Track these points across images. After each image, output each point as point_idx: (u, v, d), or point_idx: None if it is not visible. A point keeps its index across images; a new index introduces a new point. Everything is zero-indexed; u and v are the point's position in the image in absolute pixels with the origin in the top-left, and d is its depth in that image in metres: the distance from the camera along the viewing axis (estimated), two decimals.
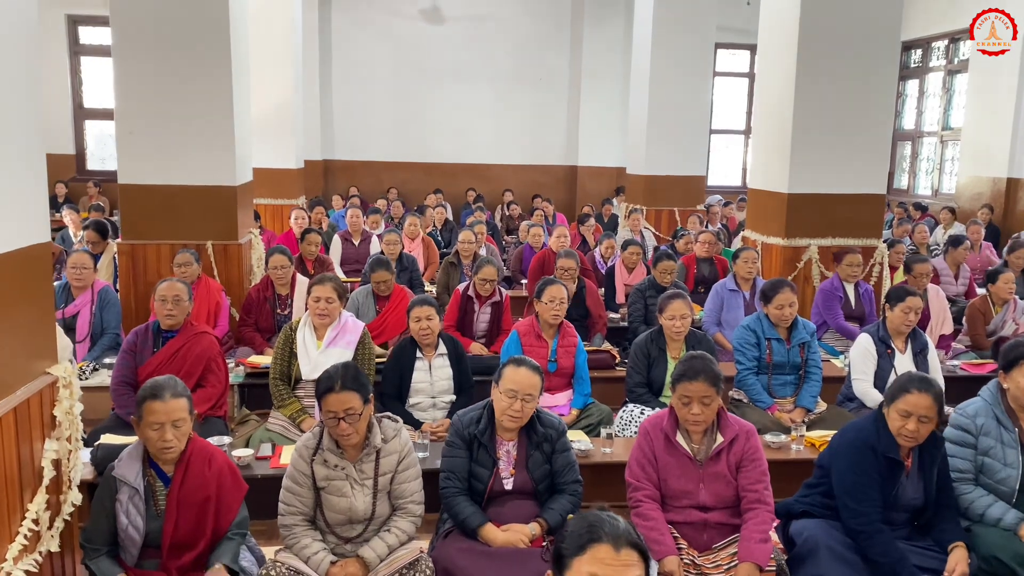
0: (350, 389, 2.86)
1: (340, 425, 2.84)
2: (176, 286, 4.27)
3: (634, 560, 1.55)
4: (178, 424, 2.71)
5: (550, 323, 4.49)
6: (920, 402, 2.95)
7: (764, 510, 2.98)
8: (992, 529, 3.11)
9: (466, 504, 3.04)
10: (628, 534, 1.58)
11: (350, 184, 13.36)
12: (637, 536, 1.59)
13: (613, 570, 1.53)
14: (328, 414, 2.86)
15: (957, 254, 7.38)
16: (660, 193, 10.40)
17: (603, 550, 1.55)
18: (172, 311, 4.20)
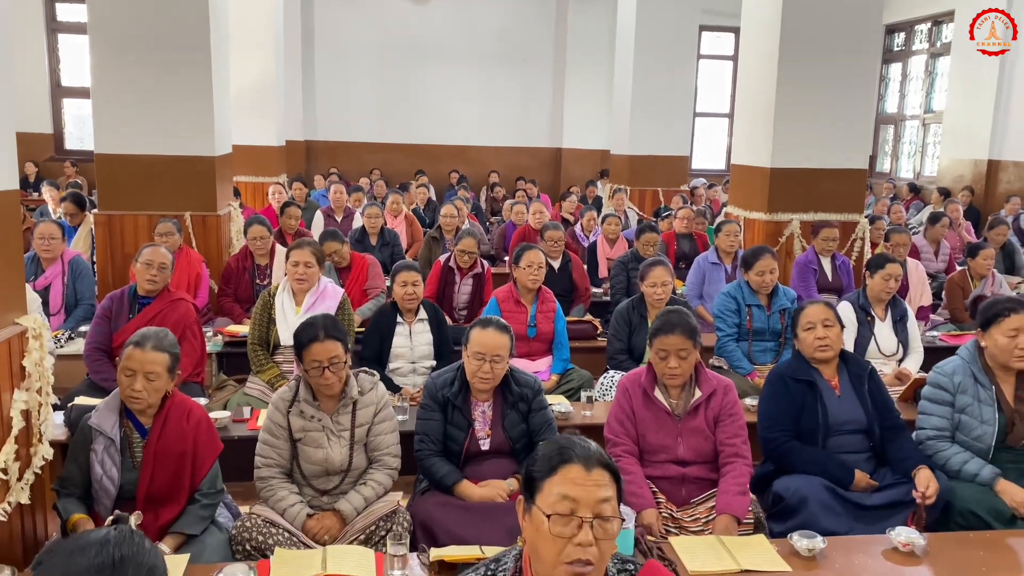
0: (334, 338, 2.87)
1: (325, 374, 2.83)
2: (162, 252, 4.22)
3: (605, 480, 1.54)
4: (151, 377, 2.67)
5: (528, 288, 4.47)
6: (817, 313, 3.28)
7: (742, 464, 2.98)
8: (968, 484, 3.12)
9: (441, 464, 3.02)
10: (599, 455, 1.57)
11: (332, 165, 13.27)
12: (608, 458, 1.58)
13: (584, 490, 1.52)
14: (312, 363, 2.84)
15: (936, 231, 7.44)
16: (644, 173, 10.39)
17: (574, 470, 1.53)
18: (155, 276, 4.15)
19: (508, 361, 3.09)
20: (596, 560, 1.49)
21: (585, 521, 1.50)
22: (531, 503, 1.57)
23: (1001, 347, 3.17)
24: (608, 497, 1.53)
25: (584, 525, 1.49)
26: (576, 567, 1.49)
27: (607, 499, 1.52)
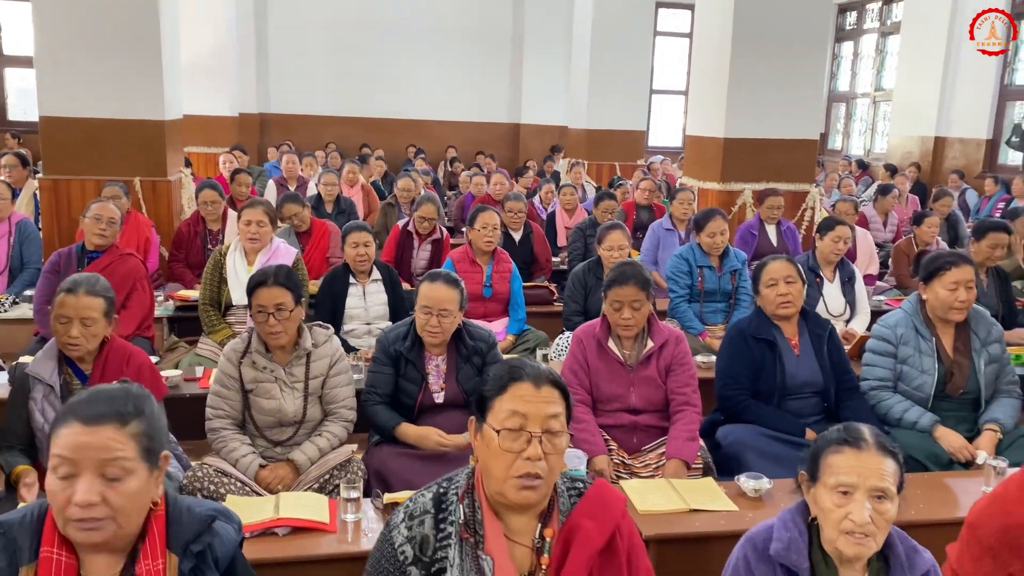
0: (282, 285, 2.85)
1: (269, 321, 2.80)
2: (110, 207, 4.17)
3: (554, 397, 1.56)
4: (87, 323, 2.62)
5: (484, 250, 4.48)
6: (780, 269, 3.29)
7: (692, 411, 3.04)
8: (908, 432, 3.23)
9: (384, 411, 3.03)
10: (549, 373, 1.59)
11: (287, 138, 13.06)
12: (557, 376, 1.60)
13: (533, 405, 1.54)
14: (258, 309, 2.82)
15: (886, 202, 7.63)
16: (601, 148, 10.46)
17: (523, 387, 1.56)
18: (104, 231, 4.09)
19: (458, 315, 3.08)
20: (545, 474, 1.52)
21: (534, 436, 1.52)
22: (482, 421, 1.59)
23: (941, 300, 3.26)
24: (557, 413, 1.55)
25: (533, 440, 1.52)
26: (525, 481, 1.51)
27: (556, 415, 1.54)
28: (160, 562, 1.48)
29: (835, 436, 1.73)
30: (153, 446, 1.48)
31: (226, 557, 1.55)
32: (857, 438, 1.70)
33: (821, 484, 1.70)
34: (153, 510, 1.51)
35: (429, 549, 1.55)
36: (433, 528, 1.56)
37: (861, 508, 1.64)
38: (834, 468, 1.68)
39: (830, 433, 1.75)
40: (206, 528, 1.54)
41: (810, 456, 1.75)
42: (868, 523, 1.63)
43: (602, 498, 1.60)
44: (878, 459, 1.67)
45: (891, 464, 1.69)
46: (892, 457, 1.69)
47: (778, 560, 1.69)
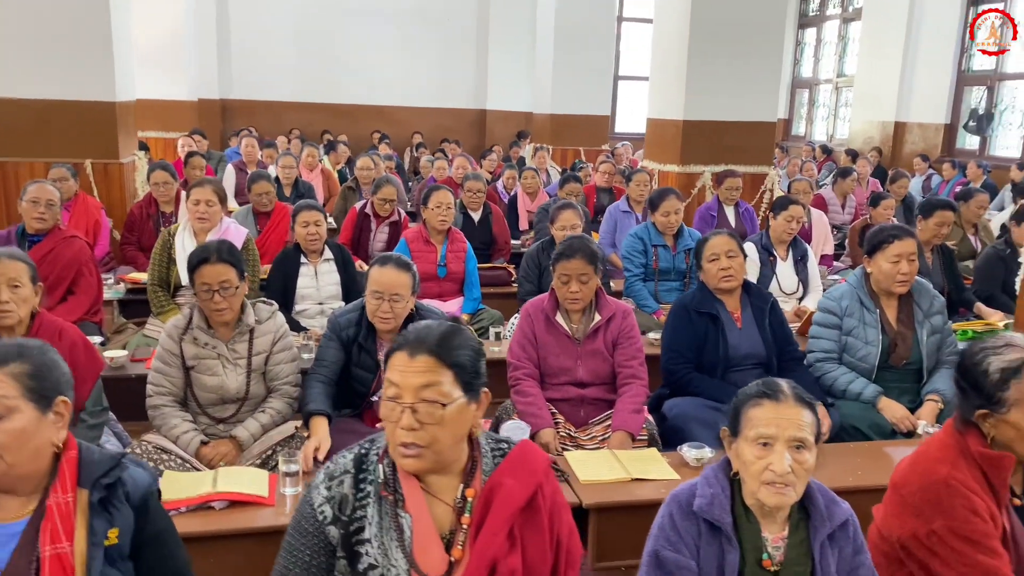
0: (226, 261, 2.81)
1: (214, 298, 2.77)
2: (48, 188, 4.06)
3: (430, 367, 1.51)
4: (15, 285, 2.58)
5: (438, 229, 4.46)
6: (721, 244, 3.34)
7: (638, 384, 3.06)
8: (852, 403, 3.28)
9: (318, 391, 2.87)
10: (431, 344, 1.53)
11: (250, 125, 12.89)
12: (445, 344, 1.54)
13: (404, 376, 1.52)
14: (202, 287, 2.78)
15: (845, 184, 7.71)
16: (566, 133, 10.46)
17: (399, 357, 1.54)
18: (44, 214, 4.00)
19: (411, 300, 3.03)
20: (426, 443, 1.49)
21: (404, 406, 1.50)
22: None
23: (885, 272, 3.31)
24: (431, 383, 1.51)
25: (405, 410, 1.50)
26: (403, 450, 1.51)
27: (430, 384, 1.50)
28: (70, 496, 1.55)
29: (754, 390, 1.75)
30: (41, 388, 1.56)
31: (138, 495, 1.61)
32: (776, 391, 1.72)
33: (742, 438, 1.72)
34: (63, 454, 1.59)
35: (348, 508, 1.54)
36: (352, 488, 1.55)
37: (781, 458, 1.65)
38: (754, 421, 1.70)
39: (750, 388, 1.77)
40: (116, 463, 1.60)
41: (731, 411, 1.77)
42: (788, 473, 1.65)
43: (525, 457, 1.60)
44: (796, 410, 1.70)
45: (808, 415, 1.71)
46: (809, 408, 1.72)
47: (701, 516, 1.71)
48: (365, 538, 1.52)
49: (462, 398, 1.54)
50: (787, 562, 1.71)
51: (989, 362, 1.84)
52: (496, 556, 1.49)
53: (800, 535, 1.73)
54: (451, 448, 1.54)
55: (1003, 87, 10.19)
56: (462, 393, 1.54)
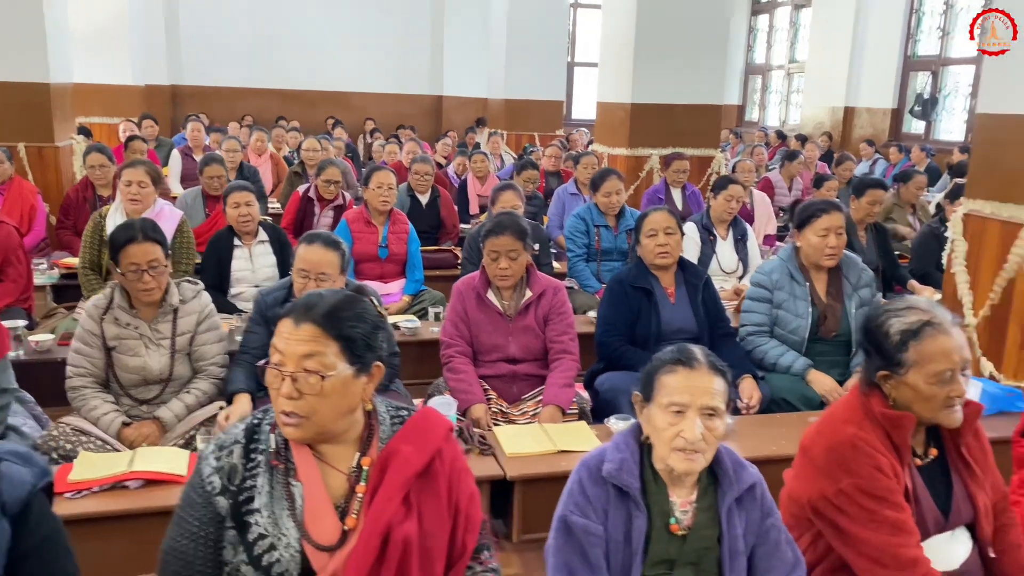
0: (152, 240, 2.76)
1: (144, 278, 2.72)
2: None
3: (313, 336, 1.48)
4: None
5: (379, 210, 4.42)
6: (660, 220, 3.34)
7: (569, 359, 3.07)
8: (783, 375, 3.32)
9: (241, 372, 2.90)
10: (316, 313, 1.50)
11: (201, 111, 12.65)
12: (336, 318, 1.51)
13: (287, 343, 1.49)
14: (130, 267, 2.72)
15: (792, 167, 7.81)
16: (520, 118, 10.45)
17: (284, 325, 1.51)
18: None
19: (339, 279, 3.00)
20: (306, 413, 1.47)
21: (286, 375, 1.47)
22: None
23: (813, 246, 3.36)
24: (314, 352, 1.47)
25: (286, 379, 1.47)
26: (283, 418, 1.49)
27: (312, 354, 1.47)
28: None
29: (669, 357, 1.75)
30: None
31: (16, 501, 1.35)
32: (690, 358, 1.73)
33: (655, 404, 1.73)
34: None
35: (237, 478, 1.51)
36: (242, 457, 1.53)
37: (693, 426, 1.66)
38: (668, 388, 1.71)
39: (664, 354, 1.77)
40: None
41: (644, 377, 1.78)
42: (699, 440, 1.66)
43: (424, 424, 1.59)
44: (709, 378, 1.71)
45: (720, 383, 1.72)
46: (721, 376, 1.73)
47: (610, 481, 1.71)
48: (255, 508, 1.49)
49: (348, 370, 1.50)
50: (695, 526, 1.72)
51: (890, 324, 1.87)
52: (390, 522, 1.47)
53: (708, 499, 1.75)
54: (335, 420, 1.51)
55: (947, 72, 10.38)
56: (348, 365, 1.50)
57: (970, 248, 3.70)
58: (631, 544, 1.68)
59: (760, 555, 1.74)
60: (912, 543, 1.76)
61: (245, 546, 1.48)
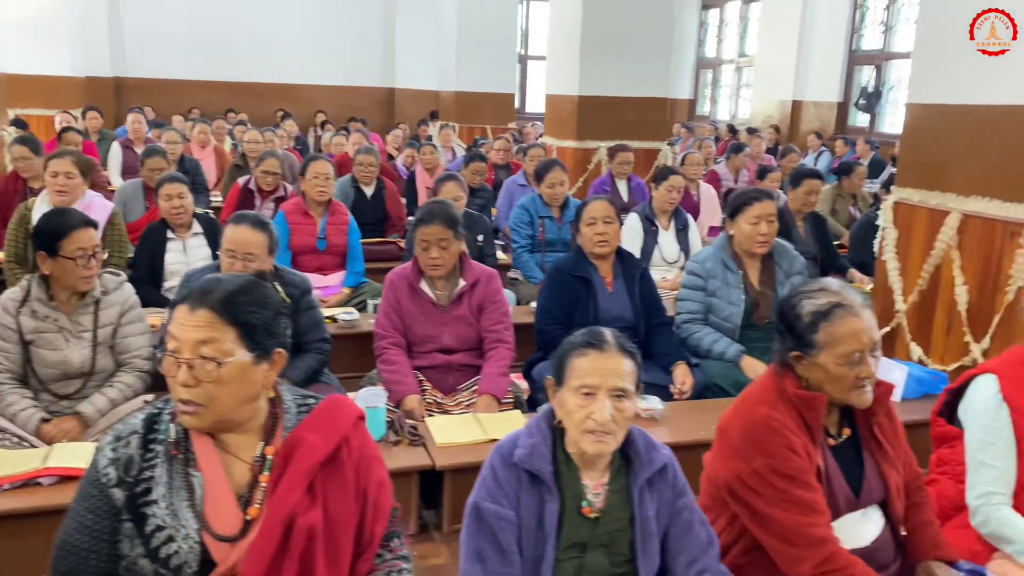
0: (90, 225, 2.75)
1: (91, 263, 2.68)
2: None
3: (209, 322, 1.45)
4: None
5: (316, 200, 4.36)
6: (599, 209, 3.36)
7: (504, 348, 3.06)
8: (717, 362, 3.36)
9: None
10: (212, 298, 1.46)
11: (147, 104, 12.37)
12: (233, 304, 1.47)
13: (180, 328, 1.46)
14: (77, 252, 2.66)
15: (738, 160, 7.90)
16: (471, 111, 10.41)
17: (180, 310, 1.48)
18: None
19: (267, 260, 2.96)
20: (203, 401, 1.44)
21: (182, 362, 1.44)
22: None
23: (745, 234, 3.39)
24: (209, 339, 1.44)
25: (182, 366, 1.44)
26: (180, 406, 1.46)
27: (207, 340, 1.44)
28: None
29: (579, 340, 1.75)
30: None
31: None
32: (600, 340, 1.73)
33: (566, 387, 1.72)
34: None
35: (134, 469, 1.47)
36: (140, 448, 1.49)
37: (602, 408, 1.66)
38: (578, 371, 1.71)
39: (574, 337, 1.77)
40: None
41: (556, 361, 1.77)
42: (609, 421, 1.66)
43: (331, 412, 1.57)
44: (618, 360, 1.71)
45: (630, 364, 1.72)
46: (631, 357, 1.73)
47: (521, 466, 1.71)
48: (152, 499, 1.46)
49: (246, 357, 1.47)
50: (607, 508, 1.73)
51: (802, 306, 1.89)
52: (293, 512, 1.45)
53: (621, 481, 1.75)
54: (234, 408, 1.48)
55: (890, 66, 10.60)
56: (247, 352, 1.47)
57: (900, 236, 3.77)
58: (544, 528, 1.68)
59: (673, 536, 1.75)
60: (822, 522, 1.79)
61: (142, 539, 1.45)
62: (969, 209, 3.44)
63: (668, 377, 3.24)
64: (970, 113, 3.41)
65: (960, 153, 3.49)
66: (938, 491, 2.27)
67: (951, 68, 3.52)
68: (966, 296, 3.44)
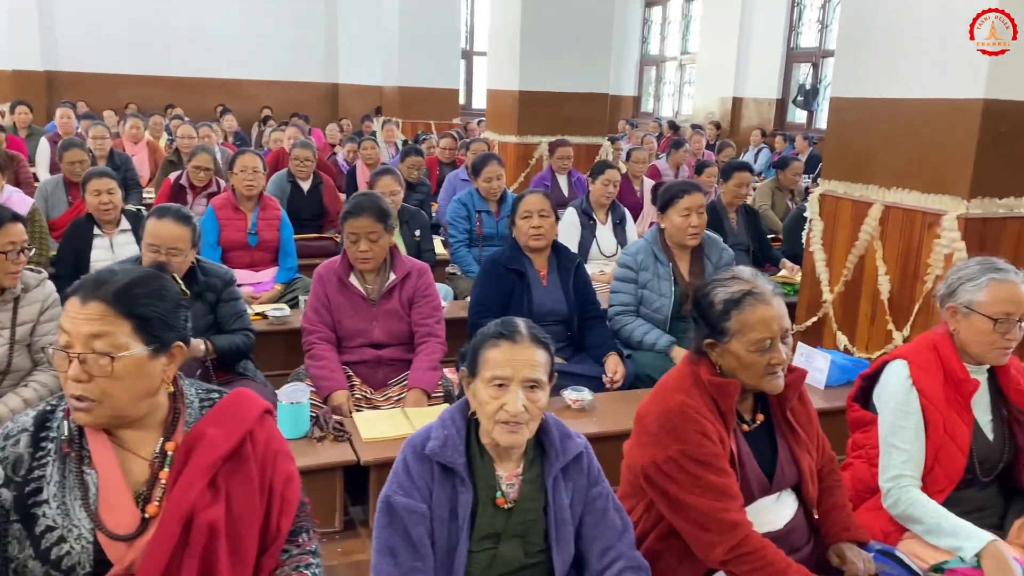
0: (20, 221, 2.65)
1: (20, 257, 2.61)
2: None
3: (101, 315, 1.40)
4: None
5: (246, 195, 4.27)
6: (535, 202, 3.36)
7: (435, 342, 3.04)
8: (648, 352, 3.39)
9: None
10: (105, 291, 1.42)
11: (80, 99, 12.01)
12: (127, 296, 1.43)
13: (71, 322, 1.41)
14: (9, 246, 2.58)
15: (678, 156, 8.00)
16: (415, 106, 10.35)
17: (72, 303, 1.43)
18: None
19: (191, 253, 2.91)
20: (97, 396, 1.40)
21: (72, 357, 1.40)
22: None
23: (677, 226, 3.43)
24: (102, 332, 1.40)
25: (74, 361, 1.39)
26: (73, 402, 1.41)
27: (100, 334, 1.40)
28: None
29: (492, 331, 1.74)
30: None
31: None
32: (512, 331, 1.72)
33: (479, 378, 1.71)
34: None
35: (23, 468, 1.42)
36: (30, 446, 1.44)
37: (515, 399, 1.66)
38: (491, 362, 1.70)
39: (487, 328, 1.77)
40: None
41: (470, 352, 1.76)
42: (522, 412, 1.66)
43: (235, 405, 1.53)
44: (531, 351, 1.70)
45: (543, 355, 1.72)
46: (544, 348, 1.73)
47: (434, 458, 1.69)
48: (43, 499, 1.41)
49: (142, 351, 1.43)
50: (521, 498, 1.72)
51: (715, 294, 1.91)
52: (193, 508, 1.41)
53: (535, 471, 1.75)
54: (131, 404, 1.44)
55: (827, 64, 10.82)
56: (143, 346, 1.43)
57: (826, 227, 3.85)
58: (457, 520, 1.67)
59: (587, 524, 1.75)
60: (735, 507, 1.81)
61: (32, 540, 1.40)
62: (890, 201, 3.53)
63: (600, 368, 3.26)
64: (889, 107, 3.50)
65: (881, 146, 3.58)
66: (853, 474, 2.33)
67: (872, 63, 3.61)
68: (888, 286, 3.53)
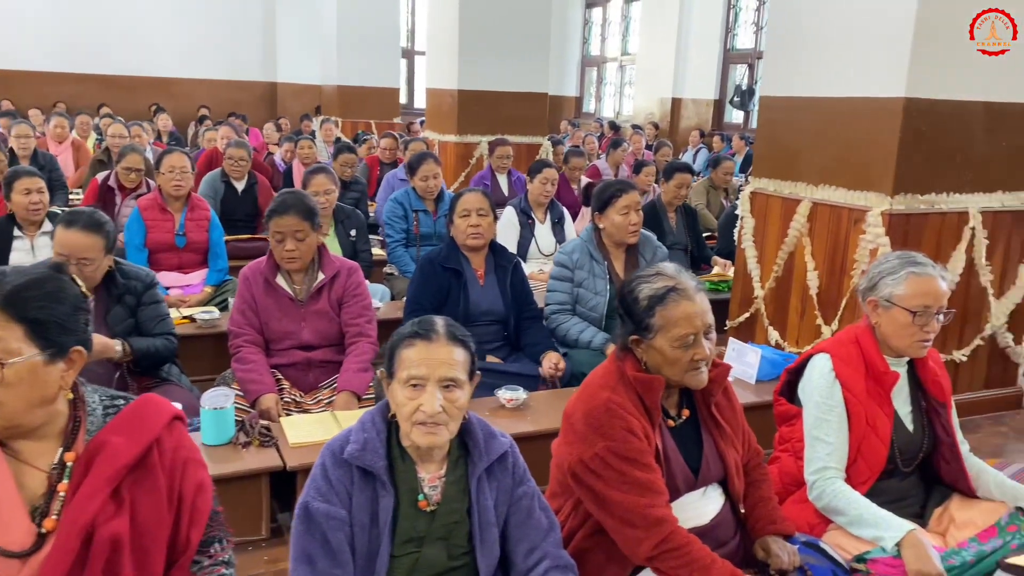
0: None
1: None
2: None
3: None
4: None
5: (173, 195, 4.15)
6: (473, 201, 3.31)
7: (365, 342, 2.99)
8: (584, 350, 3.39)
9: None
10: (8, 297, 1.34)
11: (4, 97, 11.58)
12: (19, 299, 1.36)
13: None
14: None
15: (616, 155, 8.06)
16: (354, 105, 10.24)
17: None
18: None
19: (104, 260, 2.80)
20: None
21: None
22: None
23: (617, 224, 3.43)
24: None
25: None
26: None
27: None
28: None
29: (408, 330, 1.71)
30: None
31: None
32: (428, 330, 1.69)
33: (396, 379, 1.68)
34: None
35: None
36: None
37: (432, 399, 1.62)
38: (406, 362, 1.66)
39: (404, 328, 1.73)
40: None
41: (387, 353, 1.72)
42: (439, 412, 1.62)
43: (141, 412, 1.46)
44: (448, 349, 1.67)
45: (461, 353, 1.69)
46: (462, 346, 1.70)
47: (353, 463, 1.65)
48: None
49: (37, 357, 1.35)
50: (444, 500, 1.69)
51: (640, 290, 1.91)
52: (94, 521, 1.34)
53: (459, 472, 1.72)
54: (25, 413, 1.36)
55: (762, 65, 11.03)
56: (38, 351, 1.35)
57: (756, 224, 3.91)
58: (378, 525, 1.63)
59: (513, 524, 1.73)
60: (660, 503, 1.81)
61: None
62: (818, 198, 3.60)
63: (536, 367, 3.25)
64: (816, 106, 3.57)
65: (809, 144, 3.65)
66: (780, 468, 2.35)
67: (799, 64, 3.68)
68: (817, 281, 3.60)
